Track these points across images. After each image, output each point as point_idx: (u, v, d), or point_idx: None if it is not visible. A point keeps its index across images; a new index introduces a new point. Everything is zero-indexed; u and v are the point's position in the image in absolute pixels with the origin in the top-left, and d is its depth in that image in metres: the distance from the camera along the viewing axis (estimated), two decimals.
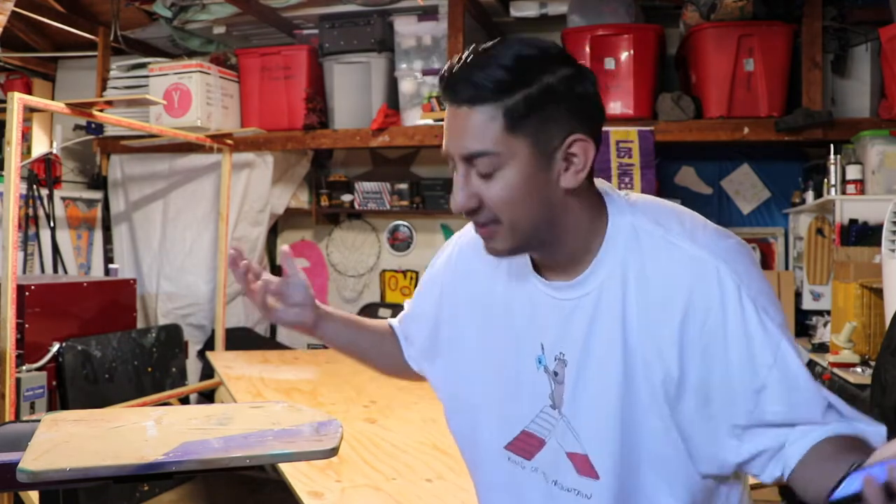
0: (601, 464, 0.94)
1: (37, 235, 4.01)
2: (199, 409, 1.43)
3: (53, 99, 4.61)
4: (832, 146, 3.24)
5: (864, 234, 2.99)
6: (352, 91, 4.12)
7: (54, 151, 4.25)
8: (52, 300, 3.18)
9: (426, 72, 3.99)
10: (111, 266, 4.20)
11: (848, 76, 3.51)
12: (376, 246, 4.77)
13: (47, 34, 4.66)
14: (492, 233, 0.93)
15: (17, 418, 2.73)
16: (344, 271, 4.83)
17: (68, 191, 4.38)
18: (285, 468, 1.62)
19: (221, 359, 3.26)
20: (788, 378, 0.87)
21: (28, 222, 3.95)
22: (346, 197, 4.58)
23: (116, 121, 3.57)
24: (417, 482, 1.60)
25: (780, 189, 4.01)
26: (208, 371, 4.18)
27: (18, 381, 2.85)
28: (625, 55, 3.58)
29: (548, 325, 0.98)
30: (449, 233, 4.62)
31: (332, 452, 1.16)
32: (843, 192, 3.17)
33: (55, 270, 4.02)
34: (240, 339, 4.28)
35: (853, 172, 3.16)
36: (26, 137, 4.32)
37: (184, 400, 3.90)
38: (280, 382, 2.71)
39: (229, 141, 4.10)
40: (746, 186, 4.08)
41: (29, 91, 4.77)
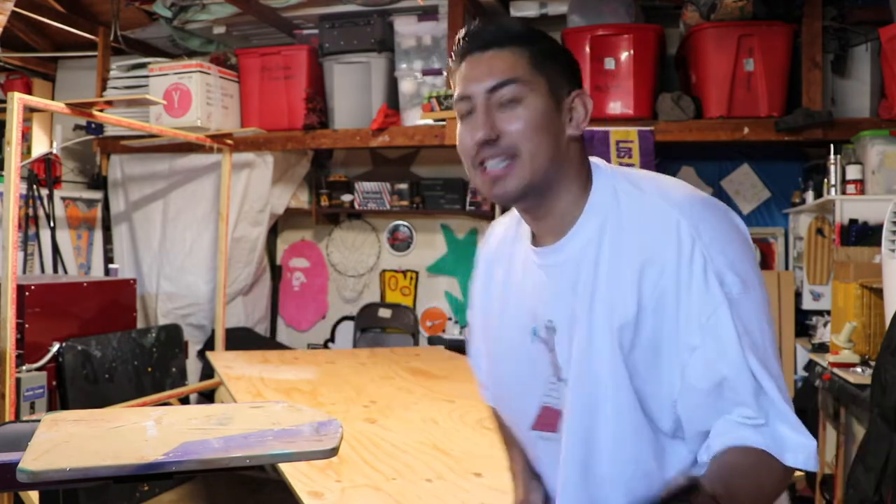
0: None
1: (37, 235, 4.02)
2: (199, 409, 1.43)
3: (53, 99, 4.61)
4: (832, 146, 3.24)
5: (864, 234, 2.99)
6: (352, 91, 4.12)
7: (54, 151, 4.25)
8: (52, 300, 3.18)
9: (426, 72, 3.99)
10: (111, 266, 4.20)
11: (848, 76, 3.51)
12: (376, 246, 4.77)
13: (47, 34, 4.66)
14: (507, 169, 0.94)
15: (17, 418, 2.73)
16: (344, 271, 4.83)
17: (68, 191, 4.38)
18: (285, 468, 1.62)
19: (221, 359, 3.26)
20: (718, 345, 0.86)
21: (28, 222, 3.95)
22: (346, 197, 4.58)
23: (116, 121, 3.57)
24: (417, 482, 1.60)
25: (780, 189, 4.01)
26: (208, 371, 4.18)
27: (18, 381, 2.85)
28: (625, 55, 3.58)
29: (537, 295, 1.00)
30: (449, 233, 4.63)
31: (332, 452, 1.16)
32: (843, 192, 3.17)
33: (55, 270, 4.02)
34: (240, 339, 4.28)
35: (853, 172, 3.16)
36: (26, 137, 4.32)
37: (184, 400, 3.90)
38: (280, 382, 2.71)
39: (229, 141, 4.10)
40: (746, 186, 4.08)
41: (29, 91, 4.77)
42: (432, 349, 3.80)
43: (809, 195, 3.54)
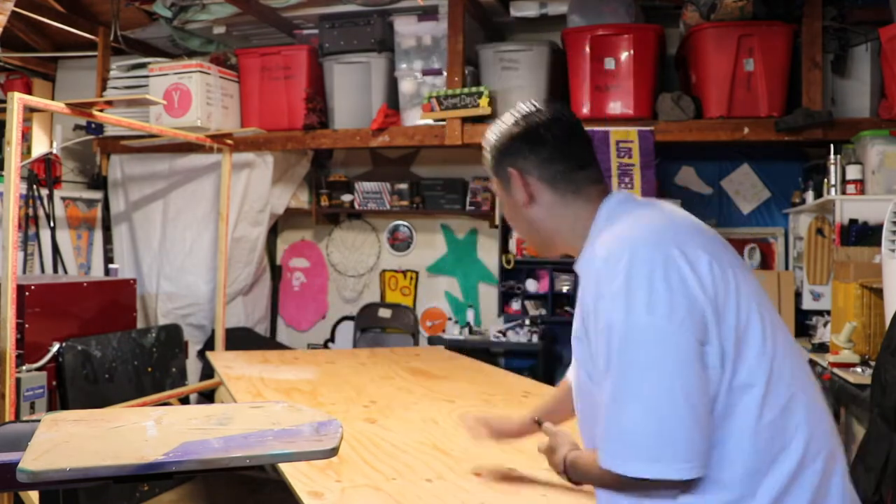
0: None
1: (37, 235, 4.02)
2: (199, 409, 1.43)
3: (53, 99, 4.61)
4: (832, 146, 3.24)
5: (864, 234, 2.99)
6: (352, 91, 4.12)
7: (54, 151, 4.25)
8: (52, 300, 3.18)
9: (426, 72, 3.99)
10: (111, 266, 4.20)
11: (848, 76, 3.50)
12: (376, 246, 4.77)
13: (47, 34, 4.66)
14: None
15: (17, 418, 2.73)
16: (344, 271, 4.83)
17: (68, 191, 4.38)
18: (285, 468, 1.62)
19: (221, 359, 3.26)
20: (604, 344, 1.03)
21: (28, 222, 3.95)
22: (346, 197, 4.58)
23: (116, 121, 3.57)
24: (417, 482, 1.60)
25: (780, 189, 4.02)
26: (208, 371, 4.18)
27: (18, 381, 2.85)
28: (625, 55, 3.58)
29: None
30: (449, 233, 4.63)
31: (332, 452, 1.16)
32: (843, 192, 3.17)
33: (55, 270, 4.02)
34: (240, 339, 4.29)
35: (853, 172, 3.16)
36: (26, 137, 4.32)
37: (184, 400, 3.90)
38: (280, 382, 2.71)
39: (229, 141, 4.10)
40: (746, 186, 4.08)
41: (29, 91, 4.77)
42: (432, 349, 3.80)
43: (809, 195, 3.54)
